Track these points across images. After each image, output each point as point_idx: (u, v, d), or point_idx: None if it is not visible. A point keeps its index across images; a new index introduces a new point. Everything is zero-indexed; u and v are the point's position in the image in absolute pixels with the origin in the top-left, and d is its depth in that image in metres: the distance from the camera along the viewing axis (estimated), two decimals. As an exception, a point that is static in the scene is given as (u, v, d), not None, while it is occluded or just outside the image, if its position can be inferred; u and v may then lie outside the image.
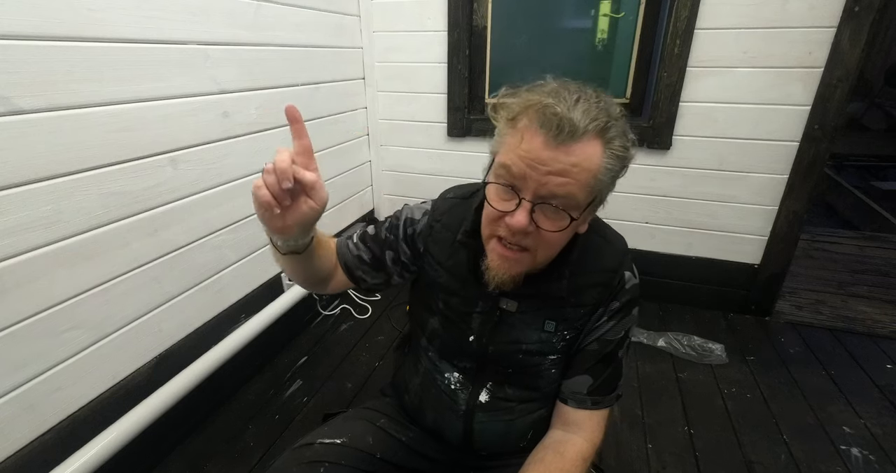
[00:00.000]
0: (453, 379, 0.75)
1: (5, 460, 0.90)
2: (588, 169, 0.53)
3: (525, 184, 0.54)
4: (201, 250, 1.29)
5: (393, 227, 0.76)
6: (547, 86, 0.56)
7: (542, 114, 0.52)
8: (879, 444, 1.31)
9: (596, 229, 0.70)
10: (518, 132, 0.54)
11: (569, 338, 0.70)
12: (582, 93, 0.54)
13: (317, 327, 1.88)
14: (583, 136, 0.52)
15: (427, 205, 0.77)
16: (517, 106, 0.55)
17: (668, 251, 1.96)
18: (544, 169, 0.52)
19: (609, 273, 0.68)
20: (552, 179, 0.53)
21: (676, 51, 1.64)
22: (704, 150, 1.75)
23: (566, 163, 0.52)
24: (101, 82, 0.96)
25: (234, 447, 1.31)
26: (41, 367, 0.94)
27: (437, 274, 0.73)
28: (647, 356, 1.69)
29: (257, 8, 1.36)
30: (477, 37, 1.93)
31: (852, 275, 2.25)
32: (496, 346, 0.71)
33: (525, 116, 0.54)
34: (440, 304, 0.74)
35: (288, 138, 0.53)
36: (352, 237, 0.78)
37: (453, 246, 0.71)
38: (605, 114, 0.53)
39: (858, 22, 1.44)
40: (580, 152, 0.52)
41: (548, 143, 0.52)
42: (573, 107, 0.52)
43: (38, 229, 0.89)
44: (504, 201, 0.57)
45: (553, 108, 0.51)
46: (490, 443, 0.76)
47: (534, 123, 0.53)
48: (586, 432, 0.70)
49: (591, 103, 0.53)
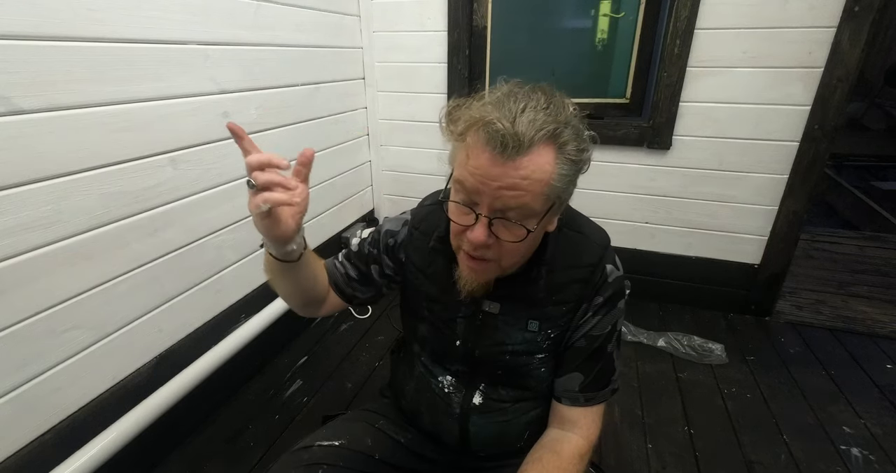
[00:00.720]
0: (446, 383, 0.76)
1: (5, 460, 0.90)
2: (540, 179, 0.52)
3: (480, 199, 0.54)
4: (201, 250, 1.29)
5: (374, 242, 0.79)
6: (496, 93, 0.55)
7: (486, 132, 0.51)
8: (879, 444, 1.31)
9: (572, 224, 0.69)
10: (466, 147, 0.54)
11: (554, 337, 0.70)
12: (529, 100, 0.52)
13: (317, 327, 1.88)
14: (530, 148, 0.51)
15: (406, 216, 0.78)
16: (463, 122, 0.54)
17: (668, 251, 1.96)
18: (495, 184, 0.52)
19: (589, 268, 0.67)
20: (504, 193, 0.52)
21: (676, 51, 1.63)
22: (704, 150, 1.75)
23: (516, 176, 0.51)
24: (101, 82, 0.96)
25: (234, 447, 1.31)
26: (41, 367, 0.94)
27: (419, 282, 0.74)
28: (647, 356, 1.69)
29: (257, 8, 1.36)
30: (477, 37, 1.93)
31: (852, 275, 2.25)
32: (482, 349, 0.71)
33: (471, 132, 0.53)
34: (425, 311, 0.75)
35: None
36: (337, 257, 0.81)
37: (430, 253, 0.72)
38: (553, 120, 0.51)
39: (858, 22, 1.44)
40: (529, 164, 0.51)
41: (495, 160, 0.51)
42: (518, 118, 0.50)
43: (38, 229, 0.89)
44: (464, 215, 0.57)
45: (495, 125, 0.50)
46: (487, 445, 0.76)
47: (480, 140, 0.52)
48: (582, 429, 0.70)
49: (539, 110, 0.51)
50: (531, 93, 0.54)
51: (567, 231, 0.68)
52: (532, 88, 0.55)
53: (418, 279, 0.74)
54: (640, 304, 2.01)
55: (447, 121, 0.58)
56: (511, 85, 0.56)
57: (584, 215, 0.73)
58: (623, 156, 1.86)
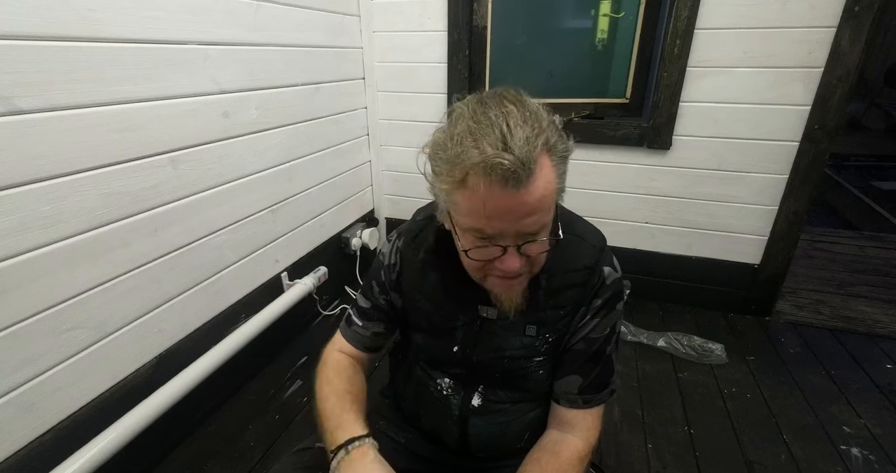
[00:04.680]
0: (444, 385, 0.75)
1: (5, 460, 0.90)
2: (550, 193, 0.51)
3: (504, 236, 0.53)
4: (201, 250, 1.29)
5: (382, 286, 0.77)
6: (462, 120, 0.51)
7: (494, 173, 0.47)
8: (879, 444, 1.31)
9: (566, 227, 0.66)
10: (469, 191, 0.50)
11: (552, 341, 0.69)
12: (507, 117, 0.49)
13: (317, 327, 1.88)
14: (534, 169, 0.48)
15: (393, 235, 0.78)
16: (456, 167, 0.50)
17: (668, 251, 1.96)
18: (515, 216, 0.51)
19: (586, 271, 0.66)
20: (527, 221, 0.51)
21: (676, 51, 1.63)
22: (704, 150, 1.75)
23: (532, 202, 0.50)
24: (101, 82, 0.96)
25: (234, 447, 1.31)
26: (41, 367, 0.94)
27: (416, 299, 0.74)
28: (647, 356, 1.69)
29: (257, 8, 1.36)
30: (477, 37, 1.93)
31: (852, 275, 2.25)
32: (479, 355, 0.71)
33: (472, 176, 0.49)
34: (424, 323, 0.74)
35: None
36: (353, 323, 0.80)
37: (421, 268, 0.72)
38: (538, 129, 0.49)
39: (858, 22, 1.44)
40: (539, 184, 0.49)
41: (508, 195, 0.49)
42: (510, 142, 0.47)
43: (38, 229, 0.89)
44: (486, 249, 0.55)
45: (499, 161, 0.46)
46: (487, 446, 0.76)
47: (487, 181, 0.48)
48: (582, 431, 0.69)
49: (522, 124, 0.48)
50: (501, 107, 0.50)
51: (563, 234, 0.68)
52: (498, 101, 0.51)
53: (415, 296, 0.74)
54: (640, 304, 2.01)
55: (435, 175, 0.54)
56: (471, 103, 0.53)
57: (578, 215, 0.72)
58: (623, 156, 1.86)
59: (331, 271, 1.85)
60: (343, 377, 0.75)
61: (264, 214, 1.51)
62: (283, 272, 1.66)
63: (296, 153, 1.61)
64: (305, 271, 1.75)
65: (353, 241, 2.03)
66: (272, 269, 1.61)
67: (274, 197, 1.55)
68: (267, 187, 1.51)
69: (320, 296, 1.85)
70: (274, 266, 1.62)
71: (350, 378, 0.75)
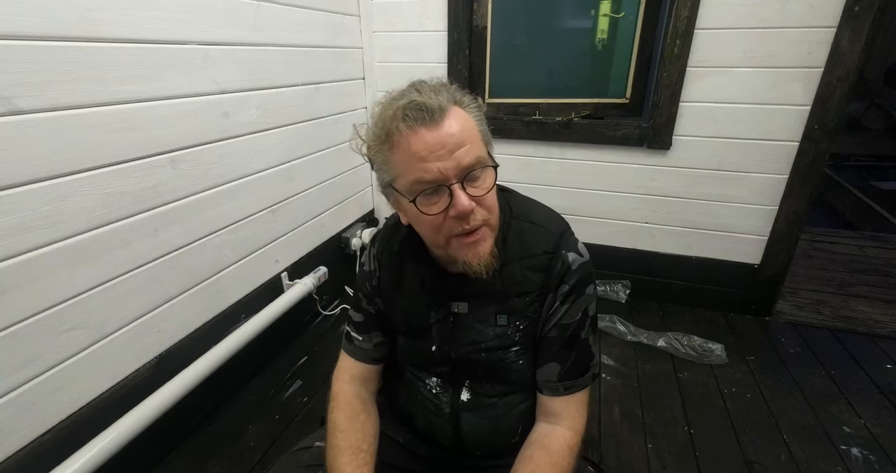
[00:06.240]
0: (432, 384, 0.76)
1: (5, 460, 0.90)
2: (471, 127, 0.58)
3: (444, 175, 0.56)
4: (201, 250, 1.29)
5: (367, 296, 0.79)
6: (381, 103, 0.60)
7: (409, 114, 0.55)
8: (879, 444, 1.31)
9: (521, 215, 0.70)
10: (399, 146, 0.57)
11: (524, 328, 0.70)
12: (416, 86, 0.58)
13: (317, 327, 1.88)
14: (446, 108, 0.56)
15: (369, 244, 0.81)
16: (381, 130, 0.57)
17: (668, 251, 1.96)
18: (446, 150, 0.55)
19: (546, 256, 0.68)
20: (459, 152, 0.56)
21: (676, 51, 1.64)
22: (704, 150, 1.75)
23: (454, 132, 0.56)
24: (101, 82, 0.96)
25: (234, 447, 1.31)
26: (41, 367, 0.94)
27: (394, 298, 0.75)
28: (647, 356, 1.69)
29: (257, 8, 1.36)
30: (477, 37, 1.93)
31: (852, 275, 2.25)
32: (457, 351, 0.72)
33: (394, 130, 0.56)
34: (403, 325, 0.76)
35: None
36: (353, 339, 0.81)
37: (395, 262, 0.74)
38: (443, 88, 0.59)
39: (858, 22, 1.44)
40: (454, 119, 0.56)
41: (430, 130, 0.55)
42: (421, 98, 0.55)
43: (38, 229, 0.89)
44: (436, 203, 0.58)
45: (412, 100, 0.55)
46: (481, 443, 0.76)
47: (408, 126, 0.55)
48: (567, 420, 0.70)
49: (430, 88, 0.58)
50: (411, 86, 0.59)
51: (516, 222, 0.69)
52: (410, 85, 0.60)
53: (394, 296, 0.75)
54: (640, 304, 2.00)
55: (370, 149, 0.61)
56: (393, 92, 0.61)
57: (537, 202, 0.74)
58: (623, 156, 1.86)
59: (331, 271, 1.85)
60: (356, 425, 0.73)
61: (264, 214, 1.52)
62: (283, 272, 1.66)
63: (296, 153, 1.61)
64: (305, 271, 1.75)
65: (354, 241, 2.03)
66: (272, 269, 1.61)
67: (274, 197, 1.55)
68: (267, 187, 1.51)
69: (320, 296, 1.85)
70: (274, 266, 1.62)
71: (363, 425, 0.74)
